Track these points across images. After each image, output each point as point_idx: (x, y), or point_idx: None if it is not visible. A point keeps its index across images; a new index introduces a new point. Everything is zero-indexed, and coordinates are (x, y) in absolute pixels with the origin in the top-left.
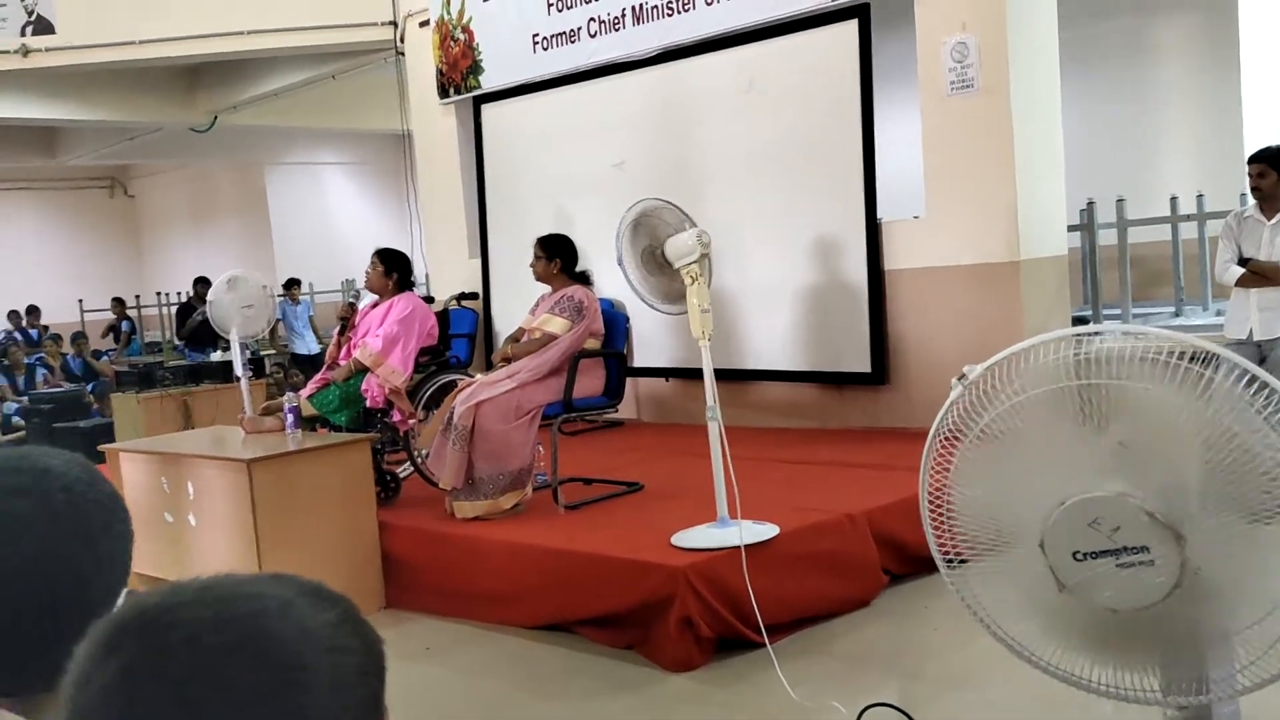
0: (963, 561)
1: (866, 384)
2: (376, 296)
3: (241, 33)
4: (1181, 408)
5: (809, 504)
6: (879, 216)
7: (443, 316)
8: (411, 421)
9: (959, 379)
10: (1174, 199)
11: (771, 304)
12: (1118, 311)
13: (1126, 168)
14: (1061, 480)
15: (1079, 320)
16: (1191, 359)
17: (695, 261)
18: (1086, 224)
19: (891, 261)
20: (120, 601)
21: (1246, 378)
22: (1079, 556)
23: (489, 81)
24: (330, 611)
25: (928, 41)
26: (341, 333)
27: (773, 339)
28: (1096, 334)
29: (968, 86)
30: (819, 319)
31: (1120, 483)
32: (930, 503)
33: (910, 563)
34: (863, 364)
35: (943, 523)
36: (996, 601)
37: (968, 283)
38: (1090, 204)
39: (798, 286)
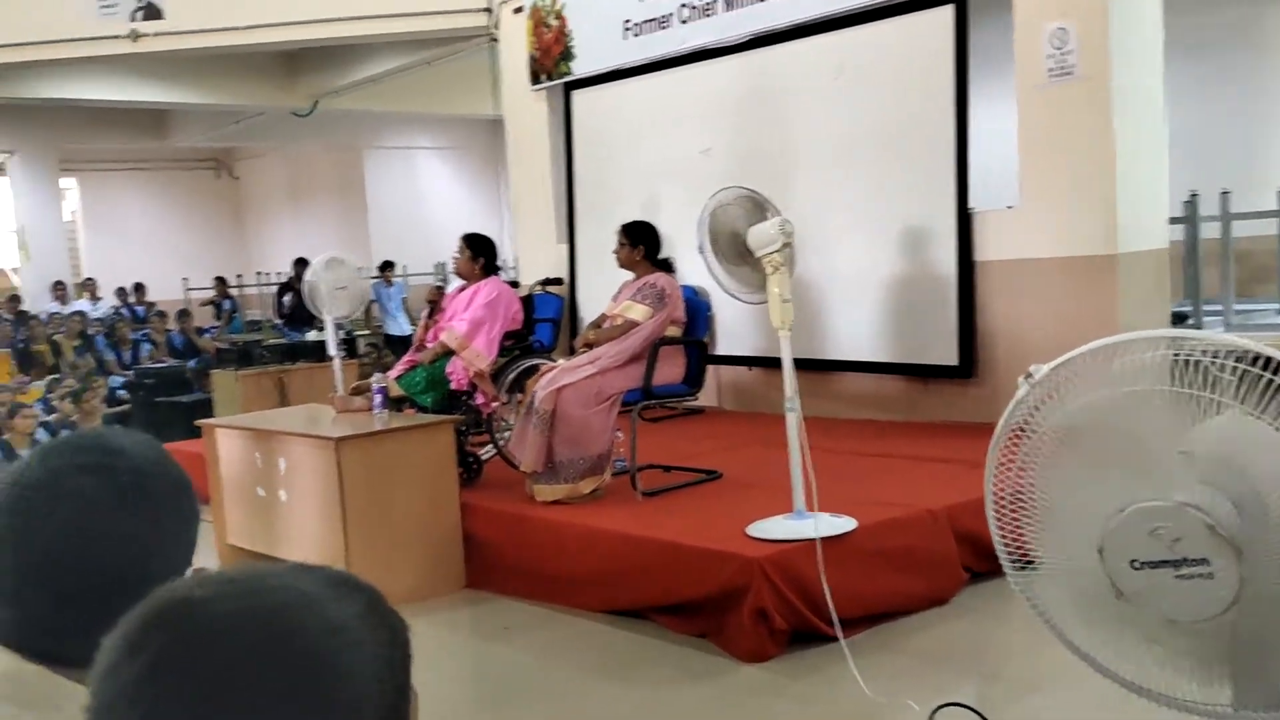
0: (1028, 562)
1: (953, 377)
2: (464, 280)
3: (341, 19)
4: (1261, 422)
5: (889, 498)
6: (971, 206)
7: (527, 301)
8: (494, 404)
9: (1025, 378)
10: None
11: (857, 293)
12: (1219, 308)
13: (1232, 159)
14: (1123, 486)
15: (1178, 317)
16: (1267, 365)
17: (777, 251)
18: (1189, 217)
19: (983, 252)
20: None
21: None
22: (1137, 565)
23: (580, 68)
24: (356, 603)
25: (1026, 27)
26: (429, 315)
27: (857, 329)
28: (1159, 339)
29: (1067, 74)
30: (905, 310)
31: (1183, 493)
32: (995, 502)
33: (992, 560)
34: (950, 356)
35: (1007, 523)
36: (1059, 605)
37: (1062, 276)
38: (1194, 196)
39: (884, 276)
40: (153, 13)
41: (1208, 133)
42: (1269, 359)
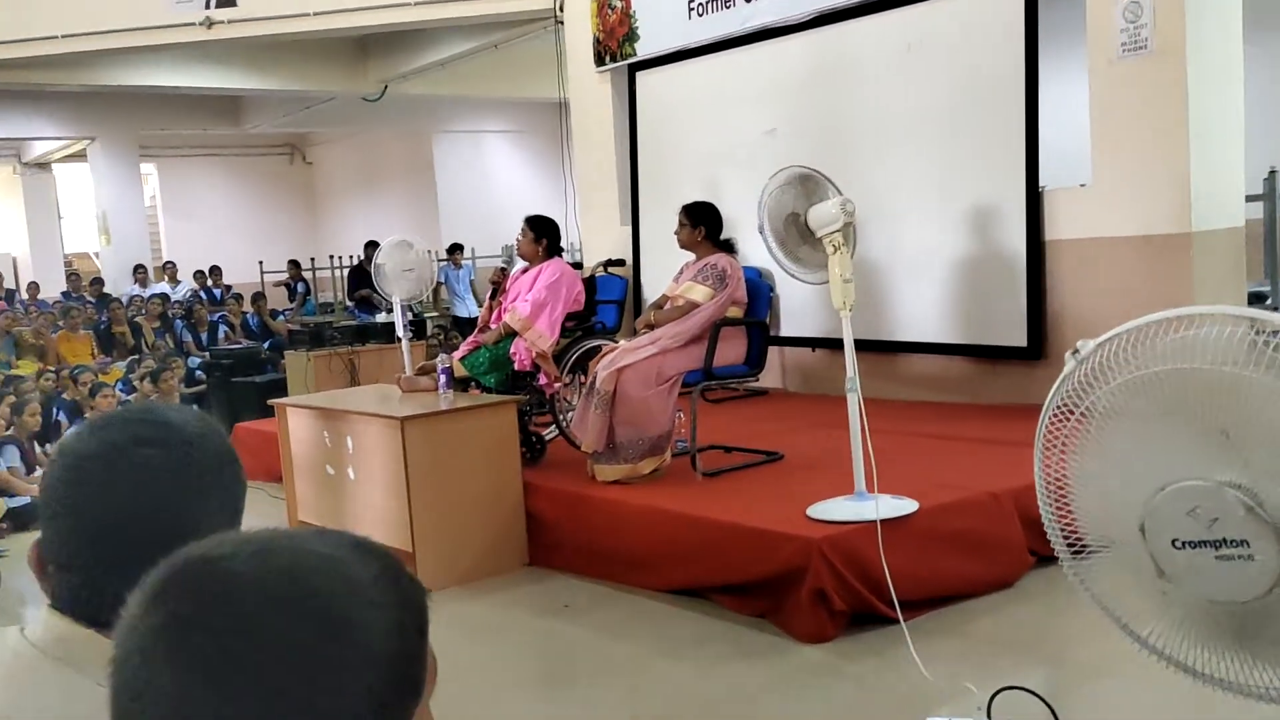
0: (1084, 545)
1: (1021, 359)
2: (527, 262)
3: (409, 3)
4: None
5: (952, 480)
6: (1041, 184)
7: (589, 283)
8: (557, 385)
9: (1072, 353)
10: None
11: (924, 274)
12: None
13: None
14: (1162, 465)
15: (1256, 296)
16: None
17: (838, 230)
18: (1268, 193)
19: (1053, 231)
20: None
21: None
22: (1178, 545)
23: (644, 49)
24: (372, 566)
25: (1098, 1)
26: (493, 297)
27: (923, 310)
28: (1211, 316)
29: (1140, 48)
30: (973, 290)
31: (1221, 473)
32: (1045, 484)
33: None
34: (1018, 338)
35: (1058, 505)
36: (1113, 588)
37: (1134, 255)
38: (1272, 172)
39: (952, 256)
40: (226, 0)
41: None
42: None
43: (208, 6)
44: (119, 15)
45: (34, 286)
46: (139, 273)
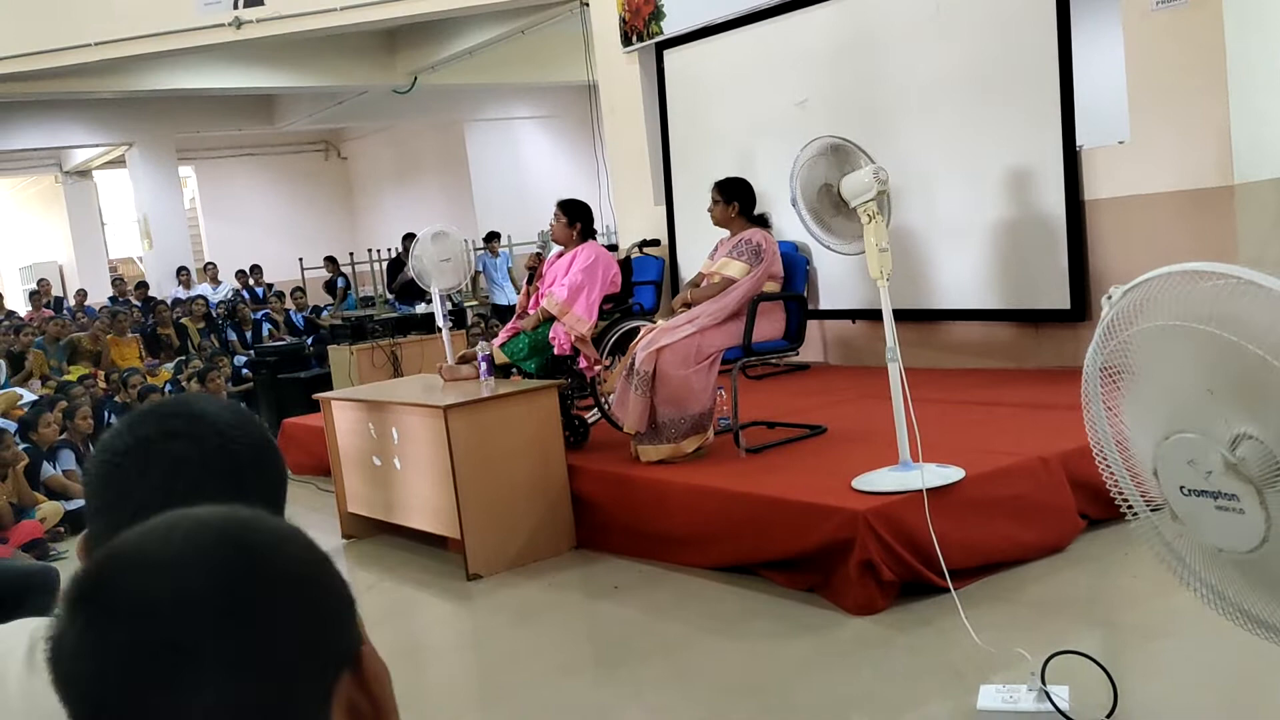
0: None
1: (1065, 321)
2: (561, 246)
3: None
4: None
5: (999, 447)
6: (1078, 143)
7: (625, 264)
8: (597, 368)
9: (1106, 298)
10: None
11: (963, 240)
12: None
13: None
14: (1164, 414)
15: None
16: None
17: (872, 199)
18: None
19: (1092, 191)
20: None
21: None
22: (1185, 491)
23: (670, 26)
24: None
25: None
26: (529, 282)
27: (964, 276)
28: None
29: None
30: (1013, 254)
31: (1210, 428)
32: (1095, 435)
33: (1111, 507)
34: (1061, 300)
35: (1107, 458)
36: (1182, 542)
37: (1177, 210)
38: None
39: (991, 220)
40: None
41: None
42: None
43: (236, 7)
44: (149, 20)
45: (81, 293)
46: (182, 275)
